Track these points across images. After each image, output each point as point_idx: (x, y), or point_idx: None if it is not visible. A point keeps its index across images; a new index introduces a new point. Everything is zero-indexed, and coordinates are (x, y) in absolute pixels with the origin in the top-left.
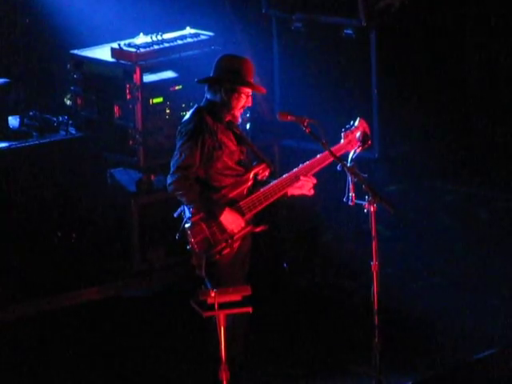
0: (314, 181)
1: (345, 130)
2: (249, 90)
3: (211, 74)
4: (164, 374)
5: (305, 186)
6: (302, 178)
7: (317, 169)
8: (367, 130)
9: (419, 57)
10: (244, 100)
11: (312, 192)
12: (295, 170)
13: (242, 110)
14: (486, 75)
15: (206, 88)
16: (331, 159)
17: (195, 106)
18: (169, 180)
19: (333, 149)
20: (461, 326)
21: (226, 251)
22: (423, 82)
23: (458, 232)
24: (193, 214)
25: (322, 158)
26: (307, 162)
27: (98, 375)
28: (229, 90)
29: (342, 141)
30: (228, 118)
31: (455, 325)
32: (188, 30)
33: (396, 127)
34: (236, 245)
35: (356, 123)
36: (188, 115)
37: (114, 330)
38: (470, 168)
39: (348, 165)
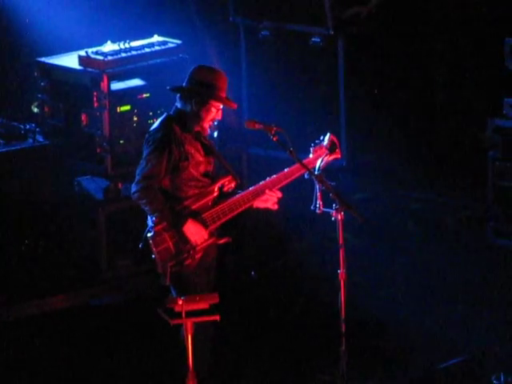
0: (280, 195)
1: (314, 145)
2: (220, 105)
3: (184, 84)
4: (132, 382)
5: (269, 200)
6: (267, 191)
7: (283, 183)
8: (336, 143)
9: (386, 65)
10: (214, 113)
11: (276, 207)
12: (261, 183)
13: (211, 123)
14: (453, 84)
15: (177, 96)
16: (298, 174)
17: (164, 115)
18: (133, 188)
19: (304, 161)
20: (428, 334)
21: (187, 262)
22: (390, 90)
23: (425, 240)
24: (155, 224)
25: (289, 173)
26: (274, 176)
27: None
28: (199, 102)
29: (311, 155)
30: (197, 128)
31: (422, 333)
32: (156, 38)
33: (363, 135)
34: (198, 256)
35: (326, 138)
36: (156, 123)
37: (82, 337)
38: (436, 176)
39: (315, 173)
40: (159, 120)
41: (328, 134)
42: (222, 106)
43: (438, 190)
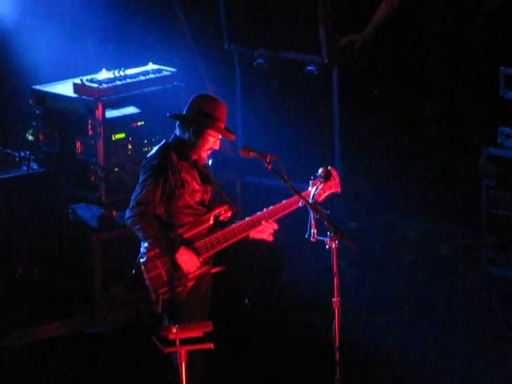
0: (276, 227)
1: (314, 178)
2: (218, 134)
3: (184, 112)
4: None
5: (265, 231)
6: (263, 222)
7: (280, 214)
8: (337, 179)
9: (381, 94)
10: (211, 143)
11: (272, 238)
12: (258, 213)
13: (208, 152)
14: (448, 113)
15: (176, 124)
16: (295, 206)
17: (163, 142)
18: (127, 214)
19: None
20: (422, 362)
21: (179, 289)
22: (385, 119)
23: (419, 268)
24: (148, 250)
25: (286, 204)
26: (271, 207)
27: None
28: (197, 131)
29: (310, 188)
30: (194, 157)
31: (417, 362)
32: (150, 66)
33: (358, 163)
34: (190, 284)
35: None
36: (154, 150)
37: (76, 365)
38: (430, 205)
39: (310, 201)
40: (157, 147)
41: (329, 168)
42: (220, 136)
43: (432, 218)
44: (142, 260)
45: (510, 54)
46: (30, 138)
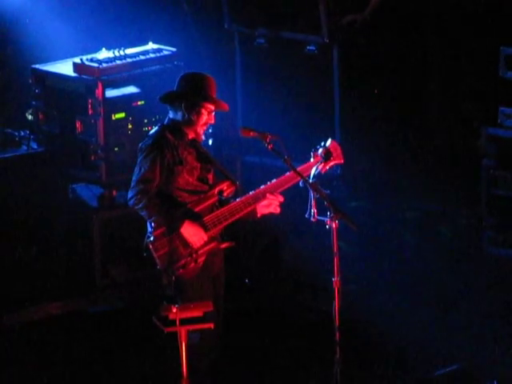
0: (281, 199)
1: (314, 150)
2: (211, 107)
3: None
4: None
5: (272, 204)
6: (268, 195)
7: (284, 187)
8: (339, 151)
9: (382, 73)
10: (206, 117)
11: (279, 210)
12: (262, 187)
13: (204, 128)
14: (448, 93)
15: (168, 107)
16: (299, 178)
17: (159, 124)
18: (129, 194)
19: (301, 167)
20: (423, 342)
21: (190, 266)
22: (386, 98)
23: (420, 248)
24: (154, 229)
25: (289, 177)
26: (274, 180)
27: None
28: (189, 106)
29: (312, 160)
30: (191, 135)
31: (417, 341)
32: (150, 46)
33: (358, 143)
34: (201, 260)
35: (327, 144)
36: (150, 133)
37: (77, 345)
38: (431, 185)
39: (310, 181)
40: (152, 130)
41: (329, 140)
42: (214, 110)
43: (433, 198)
44: (149, 239)
45: (509, 33)
46: (30, 117)
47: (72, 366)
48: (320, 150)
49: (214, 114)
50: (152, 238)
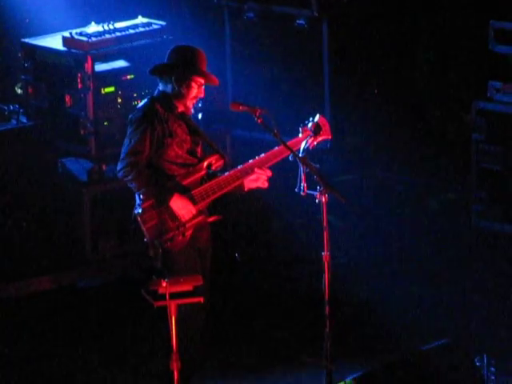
0: (269, 173)
1: (303, 125)
2: (201, 80)
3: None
4: (118, 364)
5: (260, 179)
6: (256, 170)
7: (272, 162)
8: (327, 126)
9: (371, 47)
10: (196, 90)
11: (266, 185)
12: (250, 161)
13: (194, 101)
14: (437, 67)
15: (158, 80)
16: (287, 153)
17: (148, 97)
18: (118, 166)
19: (290, 142)
20: (411, 316)
21: (178, 239)
22: (375, 72)
23: (409, 222)
24: (143, 201)
25: (278, 151)
26: (262, 155)
27: (51, 365)
28: (180, 79)
29: (300, 135)
30: (180, 108)
31: (406, 315)
32: (140, 19)
33: (347, 118)
34: (188, 233)
35: (315, 119)
36: (139, 105)
37: (67, 319)
38: (420, 158)
39: (300, 155)
40: (142, 102)
41: (317, 116)
42: (203, 83)
43: (422, 172)
44: (137, 211)
45: (499, 7)
46: (19, 91)
47: (62, 340)
48: (309, 125)
49: (203, 87)
50: (140, 210)
